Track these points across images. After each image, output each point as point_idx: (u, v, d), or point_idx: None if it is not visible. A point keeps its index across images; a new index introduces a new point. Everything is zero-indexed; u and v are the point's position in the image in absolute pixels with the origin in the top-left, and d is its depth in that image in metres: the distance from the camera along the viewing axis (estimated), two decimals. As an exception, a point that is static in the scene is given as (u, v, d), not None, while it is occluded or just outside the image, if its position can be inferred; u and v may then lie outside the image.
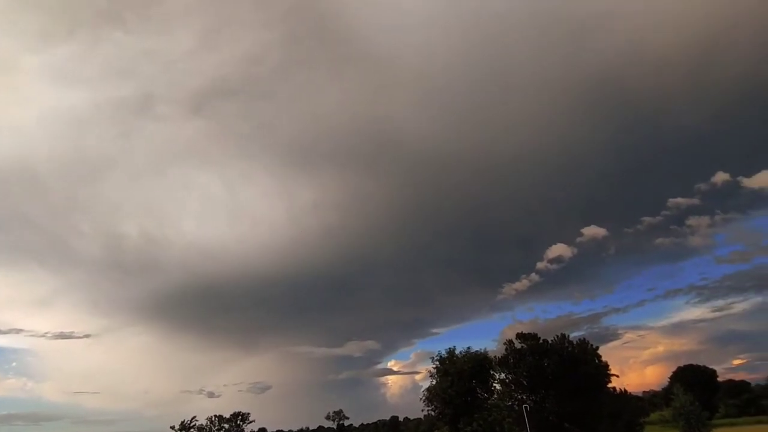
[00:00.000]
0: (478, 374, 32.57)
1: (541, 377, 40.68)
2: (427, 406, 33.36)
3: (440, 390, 31.18)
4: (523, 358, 41.04)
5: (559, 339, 42.86)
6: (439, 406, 31.99)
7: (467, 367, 31.70)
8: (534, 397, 41.38)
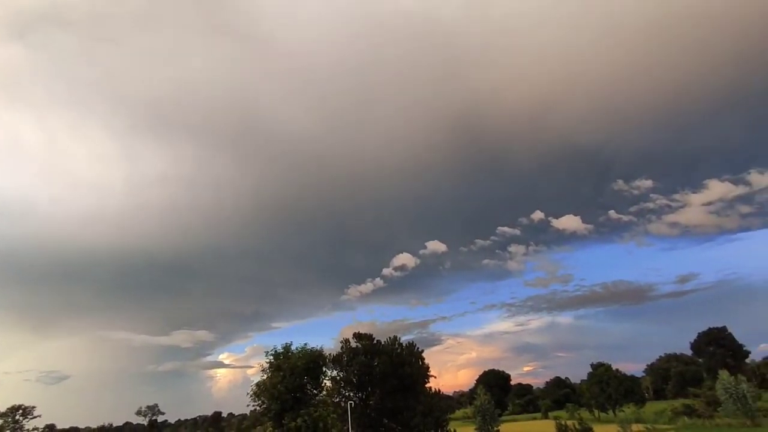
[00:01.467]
0: (311, 371, 32.85)
1: (370, 376, 43.10)
2: (254, 401, 32.38)
3: (270, 385, 30.58)
4: (356, 357, 43.00)
5: (391, 341, 46.02)
6: (266, 402, 31.31)
7: (301, 363, 31.75)
8: (360, 395, 43.59)
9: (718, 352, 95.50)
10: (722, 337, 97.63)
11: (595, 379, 77.95)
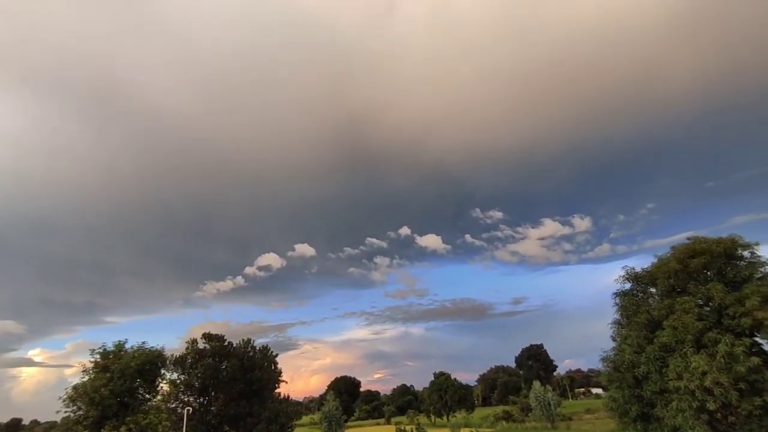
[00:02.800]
0: (146, 373, 29.22)
1: (215, 380, 40.14)
2: (68, 406, 27.48)
3: (90, 388, 26.34)
4: (203, 359, 39.74)
5: (244, 343, 43.68)
6: (83, 408, 26.84)
7: (134, 364, 28.06)
8: (202, 400, 40.29)
9: (534, 366, 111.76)
10: (539, 352, 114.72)
11: (436, 386, 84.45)
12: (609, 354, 21.86)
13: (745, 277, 18.98)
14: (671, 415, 17.86)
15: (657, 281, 20.96)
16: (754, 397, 16.43)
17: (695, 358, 17.16)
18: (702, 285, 19.40)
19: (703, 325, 18.00)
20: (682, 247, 20.52)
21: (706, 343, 17.73)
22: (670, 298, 20.03)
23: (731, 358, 16.59)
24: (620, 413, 21.00)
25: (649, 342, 19.80)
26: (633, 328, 20.56)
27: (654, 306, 20.75)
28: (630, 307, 21.42)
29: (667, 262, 20.70)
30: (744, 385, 16.46)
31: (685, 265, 19.90)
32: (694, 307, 18.60)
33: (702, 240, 20.16)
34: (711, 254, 19.42)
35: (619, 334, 21.88)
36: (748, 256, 19.65)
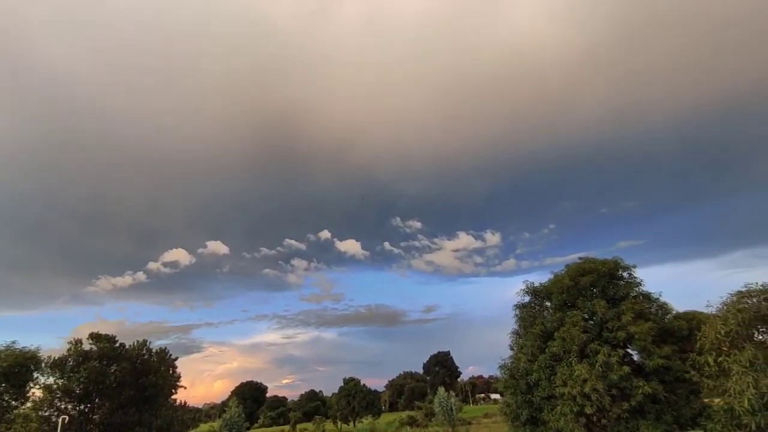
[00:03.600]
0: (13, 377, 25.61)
1: (101, 385, 36.25)
2: None
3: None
4: (87, 361, 35.67)
5: (139, 345, 40.02)
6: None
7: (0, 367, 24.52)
8: (83, 407, 36.15)
9: (440, 372, 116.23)
10: (446, 359, 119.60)
11: (345, 392, 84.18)
12: (506, 362, 23.39)
13: (623, 296, 21.44)
14: (555, 418, 19.51)
15: (552, 296, 22.89)
16: (623, 402, 18.51)
17: (578, 367, 18.93)
18: (589, 301, 21.53)
19: (587, 337, 19.95)
20: (575, 265, 22.66)
21: (588, 354, 19.66)
22: (561, 312, 21.97)
23: (607, 367, 18.55)
24: (512, 417, 22.52)
25: (541, 351, 21.49)
26: (529, 338, 22.21)
27: (548, 318, 22.57)
28: (527, 319, 23.14)
29: (561, 278, 22.69)
30: (616, 391, 18.49)
31: (576, 282, 21.97)
32: (581, 320, 20.60)
33: (591, 260, 22.44)
34: (597, 273, 21.68)
35: (517, 343, 23.51)
36: (626, 276, 22.24)
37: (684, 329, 20.07)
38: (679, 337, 20.16)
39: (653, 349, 18.92)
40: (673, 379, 19.07)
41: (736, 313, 15.85)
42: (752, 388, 14.24)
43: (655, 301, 21.57)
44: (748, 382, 14.37)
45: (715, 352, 16.35)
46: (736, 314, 15.85)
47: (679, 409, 18.70)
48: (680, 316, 21.14)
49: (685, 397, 18.82)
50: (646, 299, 21.66)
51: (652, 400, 18.64)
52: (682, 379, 18.84)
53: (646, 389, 18.06)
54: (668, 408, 18.65)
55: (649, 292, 21.87)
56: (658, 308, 21.47)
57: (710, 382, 16.83)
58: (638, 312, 19.98)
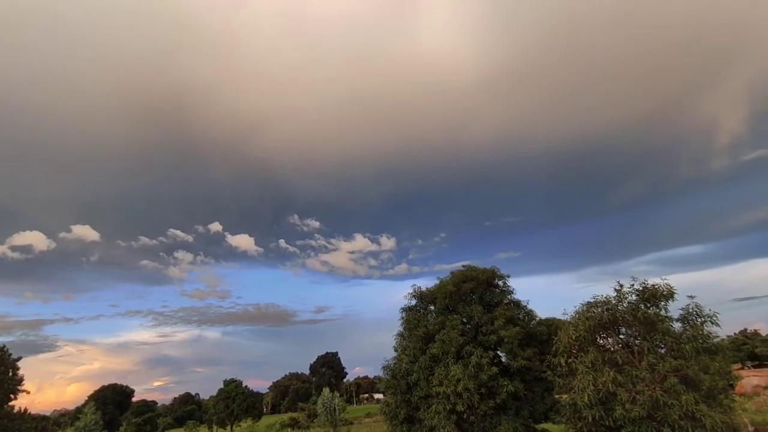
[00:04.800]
0: None
1: None
2: None
3: None
4: None
5: (-32, 342, 33.55)
6: None
7: None
8: None
9: (327, 373, 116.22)
10: (333, 360, 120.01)
11: (224, 395, 79.78)
12: (389, 363, 24.12)
13: (498, 302, 23.49)
14: (430, 416, 20.58)
15: (436, 300, 24.18)
16: (489, 400, 20.20)
17: (454, 368, 20.24)
18: (468, 306, 23.18)
19: (463, 339, 21.43)
20: (458, 272, 24.24)
21: (464, 355, 21.11)
22: (443, 316, 23.32)
23: (479, 367, 20.09)
24: (391, 416, 23.26)
25: (423, 353, 22.57)
26: (412, 340, 23.19)
27: (431, 321, 23.79)
28: (412, 321, 24.14)
29: (445, 284, 24.09)
30: (484, 390, 20.11)
31: (458, 288, 23.51)
32: (459, 324, 22.07)
33: (472, 268, 24.20)
34: (477, 281, 23.46)
35: (401, 345, 24.38)
36: (502, 285, 24.40)
37: (544, 334, 22.57)
38: (540, 340, 22.61)
39: (518, 352, 20.95)
40: (532, 378, 21.34)
41: (585, 321, 18.28)
42: (591, 386, 16.49)
43: (524, 308, 23.96)
44: (589, 380, 16.62)
45: (567, 355, 18.65)
46: (584, 322, 18.27)
47: (535, 405, 20.99)
48: (542, 322, 23.73)
49: (541, 394, 21.19)
50: (516, 306, 23.96)
51: (513, 398, 20.63)
52: (540, 378, 21.18)
53: (510, 388, 19.93)
54: (526, 404, 20.83)
55: (519, 299, 24.26)
56: (525, 314, 23.87)
57: (561, 381, 19.16)
58: (509, 317, 22.01)
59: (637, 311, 17.64)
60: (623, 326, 18.74)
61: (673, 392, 15.40)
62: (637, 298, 17.88)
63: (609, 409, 16.22)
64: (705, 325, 16.89)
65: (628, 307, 17.90)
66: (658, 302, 17.67)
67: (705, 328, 16.79)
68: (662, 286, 17.45)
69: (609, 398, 16.48)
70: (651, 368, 16.47)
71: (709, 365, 16.38)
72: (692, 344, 16.19)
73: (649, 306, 17.71)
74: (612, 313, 18.14)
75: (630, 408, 15.64)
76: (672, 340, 16.71)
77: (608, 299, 18.61)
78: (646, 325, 17.61)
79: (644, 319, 17.49)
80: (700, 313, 16.91)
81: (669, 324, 17.17)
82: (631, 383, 16.46)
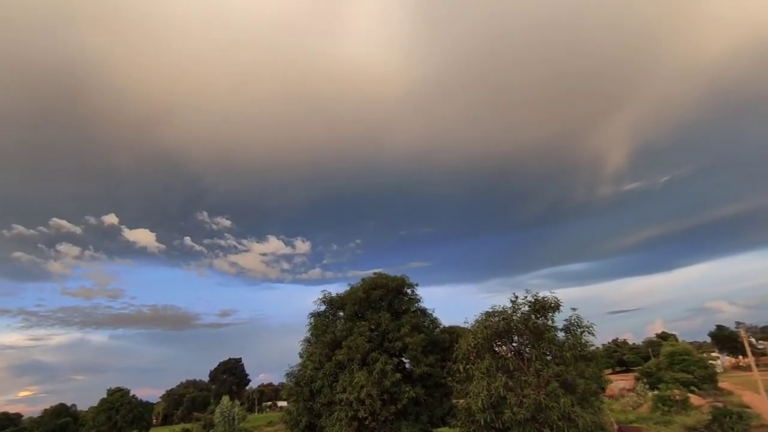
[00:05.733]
0: None
1: None
2: None
3: None
4: None
5: None
6: None
7: None
8: None
9: (228, 380, 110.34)
10: (236, 366, 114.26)
11: (106, 405, 72.10)
12: (293, 369, 23.56)
13: (405, 310, 24.13)
14: (331, 423, 20.44)
15: (346, 306, 24.18)
16: (391, 406, 20.56)
17: (358, 374, 20.33)
18: (377, 313, 23.49)
19: (370, 346, 21.64)
20: (369, 279, 24.52)
21: (369, 362, 21.30)
22: (352, 322, 23.38)
23: (383, 374, 20.39)
24: (292, 424, 22.68)
25: (329, 359, 22.37)
26: (318, 346, 22.90)
27: (339, 327, 23.71)
28: (320, 327, 23.87)
29: (356, 290, 24.22)
30: (387, 396, 20.44)
31: (368, 295, 23.75)
32: (367, 330, 22.30)
33: (383, 276, 24.63)
34: (387, 288, 23.90)
35: (307, 351, 23.96)
36: (410, 293, 25.13)
37: (447, 341, 23.59)
38: (443, 347, 23.59)
39: (421, 358, 21.66)
40: (433, 384, 22.17)
41: (483, 329, 19.46)
42: (485, 391, 17.56)
43: (429, 316, 24.90)
44: (483, 385, 17.68)
45: (465, 361, 19.67)
46: (483, 330, 19.43)
47: (434, 410, 21.81)
48: (446, 330, 24.81)
49: (440, 399, 22.08)
50: (423, 314, 24.81)
51: (414, 403, 21.23)
52: (440, 384, 22.07)
53: (411, 393, 20.49)
54: (426, 409, 21.55)
55: (426, 308, 25.16)
56: (430, 322, 24.80)
57: (458, 386, 20.14)
58: (415, 325, 22.70)
59: (528, 321, 19.18)
60: (516, 335, 20.26)
61: (554, 395, 16.93)
62: (529, 309, 19.43)
63: (499, 412, 17.37)
64: (583, 334, 18.87)
65: (521, 318, 19.39)
66: (546, 313, 19.38)
67: (583, 338, 18.77)
68: (550, 298, 19.16)
69: (500, 402, 17.66)
70: (537, 374, 17.97)
71: (585, 370, 18.34)
72: (572, 352, 17.99)
73: (538, 317, 19.35)
74: (507, 322, 19.52)
75: (517, 411, 16.89)
76: (556, 348, 18.40)
77: (504, 309, 20.01)
78: (535, 334, 19.20)
79: (534, 329, 19.07)
80: (580, 323, 18.81)
81: (554, 333, 18.88)
82: (520, 388, 17.81)
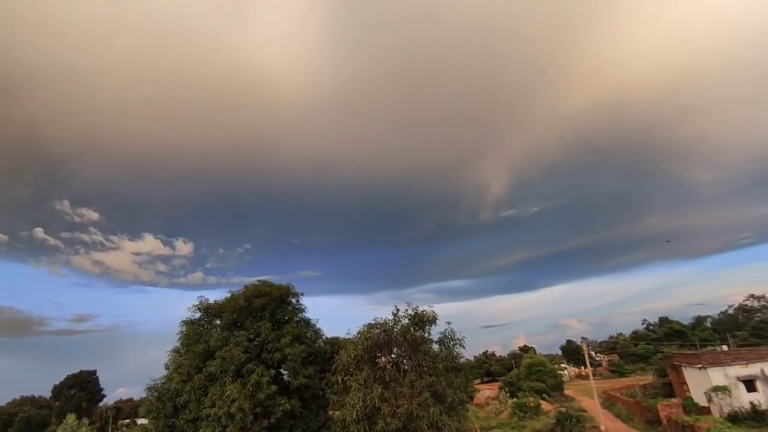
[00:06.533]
0: None
1: None
2: None
3: None
4: None
5: None
6: None
7: None
8: None
9: (77, 395, 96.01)
10: (89, 380, 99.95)
11: None
12: (156, 382, 21.32)
13: (288, 319, 23.45)
14: (196, 441, 18.83)
15: (224, 314, 22.70)
16: (264, 420, 19.65)
17: (231, 387, 19.09)
18: (257, 322, 22.43)
19: (246, 357, 20.52)
20: (252, 287, 23.39)
21: (244, 374, 20.17)
22: (229, 331, 21.99)
23: (258, 386, 19.44)
24: (149, 445, 20.43)
25: (199, 371, 20.69)
26: (189, 356, 21.07)
27: (214, 337, 22.13)
28: (192, 336, 22.03)
29: (237, 298, 22.89)
30: (260, 410, 19.47)
31: (250, 303, 22.60)
32: (245, 340, 21.12)
33: (267, 284, 23.69)
34: (270, 296, 23.01)
35: (174, 362, 21.90)
36: (295, 302, 24.52)
37: (328, 352, 23.41)
38: (324, 359, 23.35)
39: (300, 370, 21.13)
40: (310, 396, 21.74)
41: (365, 341, 19.74)
42: (361, 402, 17.74)
43: (312, 327, 24.50)
44: (359, 396, 17.86)
45: (344, 372, 19.71)
46: (364, 342, 19.72)
47: (309, 423, 21.35)
48: (328, 341, 24.62)
49: (316, 412, 21.71)
50: (306, 324, 24.32)
51: (289, 416, 20.55)
52: (318, 396, 21.75)
53: (287, 406, 19.80)
54: (301, 422, 21.00)
55: (309, 318, 24.72)
56: (313, 333, 24.40)
57: (335, 398, 20.07)
58: (296, 335, 22.12)
59: (407, 333, 19.95)
60: (395, 346, 20.93)
61: (425, 405, 17.75)
62: (408, 322, 20.24)
63: (373, 422, 17.66)
64: (455, 347, 20.18)
65: (401, 330, 20.10)
66: (424, 326, 20.36)
67: (455, 350, 20.06)
68: (429, 312, 20.18)
69: (375, 413, 17.98)
70: (411, 384, 18.71)
71: (454, 381, 19.57)
72: (444, 363, 19.10)
73: (417, 329, 20.24)
74: (388, 334, 20.09)
75: (390, 421, 17.34)
76: (430, 360, 19.38)
77: (386, 322, 20.58)
78: (413, 346, 20.03)
79: (412, 341, 19.88)
80: (453, 336, 20.09)
81: (429, 345, 19.89)
82: (395, 398, 18.35)
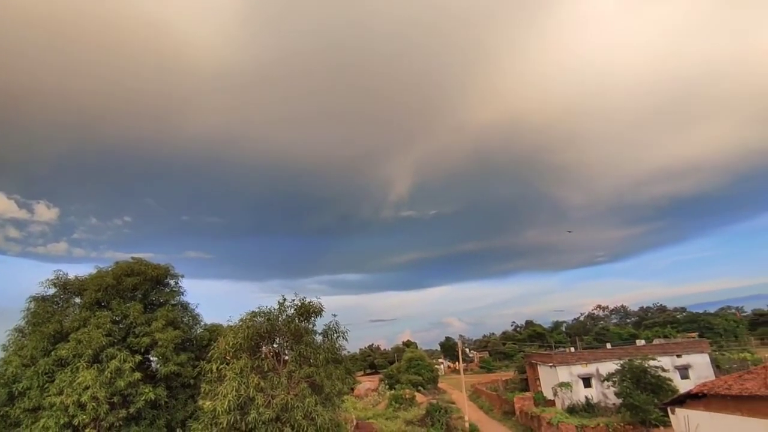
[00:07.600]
0: None
1: None
2: None
3: None
4: None
5: None
6: None
7: None
8: None
9: None
10: None
11: None
12: (-12, 366, 18.32)
13: (163, 302, 21.69)
14: (34, 433, 16.55)
15: (85, 292, 20.26)
16: (122, 410, 17.97)
17: (84, 373, 17.11)
18: (125, 303, 20.40)
19: (108, 341, 18.55)
20: (124, 264, 21.21)
21: (104, 359, 18.23)
22: (90, 311, 19.68)
23: (118, 373, 17.71)
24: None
25: (46, 354, 18.22)
26: (35, 338, 18.41)
27: (71, 317, 19.66)
28: (42, 315, 19.28)
29: (104, 275, 20.59)
30: (118, 399, 17.78)
31: (119, 282, 20.48)
32: (108, 322, 19.07)
33: (143, 262, 21.66)
34: (145, 276, 21.08)
35: (16, 343, 18.99)
36: (173, 284, 22.77)
37: (205, 339, 22.16)
38: (200, 346, 22.05)
39: (171, 356, 19.71)
40: (180, 384, 20.39)
41: (246, 329, 19.04)
42: (234, 392, 17.09)
43: (191, 312, 22.99)
44: (234, 386, 17.19)
45: (220, 361, 18.81)
46: (245, 330, 19.01)
47: (175, 413, 20.00)
48: (207, 328, 23.31)
49: (184, 402, 20.41)
50: (183, 308, 22.75)
51: (152, 406, 19.06)
52: (188, 385, 20.47)
53: (150, 395, 18.34)
54: (165, 412, 19.58)
55: (188, 302, 23.14)
56: (191, 318, 22.91)
57: (208, 387, 19.06)
58: (170, 320, 20.58)
59: (291, 324, 19.68)
60: (278, 336, 20.53)
61: (301, 396, 17.69)
62: (294, 312, 19.98)
63: (245, 413, 17.12)
64: (338, 339, 20.42)
65: (286, 320, 19.77)
66: (309, 317, 20.27)
67: (337, 342, 20.29)
68: (315, 303, 20.13)
69: (248, 403, 17.45)
70: (290, 375, 18.51)
71: (333, 372, 19.80)
72: (325, 355, 19.21)
73: (302, 320, 20.08)
74: (272, 323, 19.62)
75: (263, 412, 16.96)
76: (311, 351, 19.35)
77: (271, 310, 20.07)
78: (296, 336, 19.83)
79: (295, 331, 19.67)
80: (337, 329, 20.30)
81: (312, 337, 19.86)
82: (271, 388, 17.99)
